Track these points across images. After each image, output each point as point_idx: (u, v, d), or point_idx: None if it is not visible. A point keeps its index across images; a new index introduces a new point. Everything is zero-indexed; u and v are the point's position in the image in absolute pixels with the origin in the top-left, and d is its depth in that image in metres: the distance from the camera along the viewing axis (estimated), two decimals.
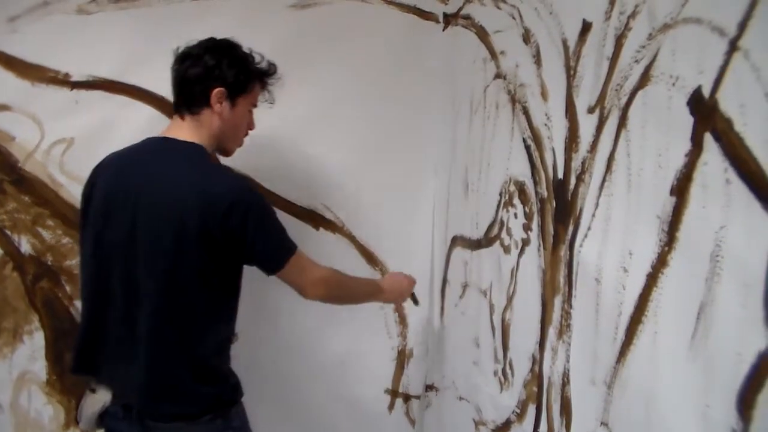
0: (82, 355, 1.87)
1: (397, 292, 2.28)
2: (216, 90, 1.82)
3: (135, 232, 1.74)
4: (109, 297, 1.79)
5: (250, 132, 1.99)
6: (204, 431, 1.79)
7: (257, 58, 1.93)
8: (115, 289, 1.78)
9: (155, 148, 1.84)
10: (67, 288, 2.22)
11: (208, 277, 1.76)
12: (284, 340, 2.42)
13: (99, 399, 1.83)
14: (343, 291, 2.07)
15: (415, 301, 2.43)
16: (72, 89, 2.17)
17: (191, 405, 1.78)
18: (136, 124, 2.19)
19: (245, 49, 1.92)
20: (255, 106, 1.97)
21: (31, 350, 2.23)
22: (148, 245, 1.73)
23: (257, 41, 1.99)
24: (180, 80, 1.86)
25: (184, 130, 1.84)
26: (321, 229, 2.43)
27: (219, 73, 1.83)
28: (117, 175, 1.83)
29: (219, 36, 1.88)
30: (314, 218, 2.41)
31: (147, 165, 1.80)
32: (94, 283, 1.82)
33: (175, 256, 1.72)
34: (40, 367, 2.24)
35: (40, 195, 2.17)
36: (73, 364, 1.90)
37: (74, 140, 2.18)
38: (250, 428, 1.94)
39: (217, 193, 1.72)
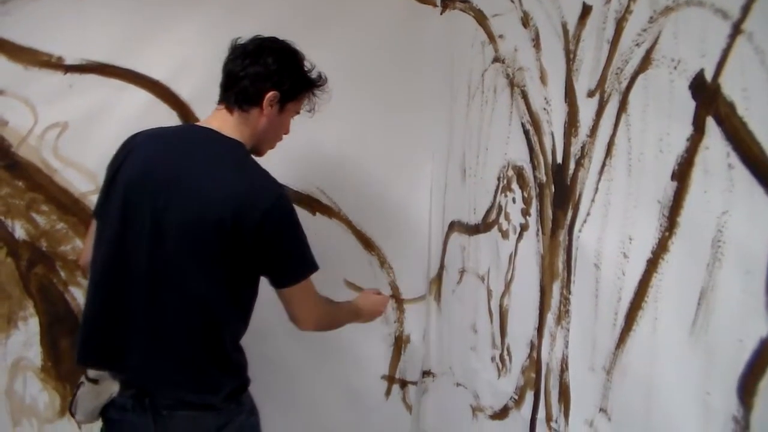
0: (95, 345, 1.79)
1: (371, 313, 2.26)
2: (271, 93, 1.80)
3: (165, 217, 1.70)
4: (130, 282, 1.73)
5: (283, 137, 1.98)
6: (221, 416, 1.80)
7: (309, 66, 1.92)
8: (137, 274, 1.72)
9: (199, 137, 1.82)
10: (62, 274, 2.21)
11: (234, 271, 1.75)
12: (281, 326, 2.41)
13: (103, 390, 1.78)
14: (331, 326, 2.10)
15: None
16: (65, 73, 2.15)
17: (215, 395, 1.78)
18: (130, 108, 2.18)
19: (300, 53, 1.90)
20: (298, 113, 1.96)
21: (26, 336, 2.22)
22: (178, 232, 1.70)
23: (251, 24, 1.97)
24: (236, 75, 1.82)
25: (229, 125, 1.81)
26: (317, 214, 2.42)
27: (278, 79, 1.81)
28: (154, 156, 1.78)
29: (215, 22, 1.87)
30: (311, 203, 2.40)
31: (188, 152, 1.77)
32: (114, 266, 1.75)
33: (205, 248, 1.71)
34: (34, 354, 2.23)
35: (33, 180, 2.16)
36: (81, 355, 1.81)
37: (68, 124, 2.16)
38: (257, 409, 1.95)
39: (256, 197, 1.71)
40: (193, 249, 1.71)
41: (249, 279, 1.82)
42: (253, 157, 1.86)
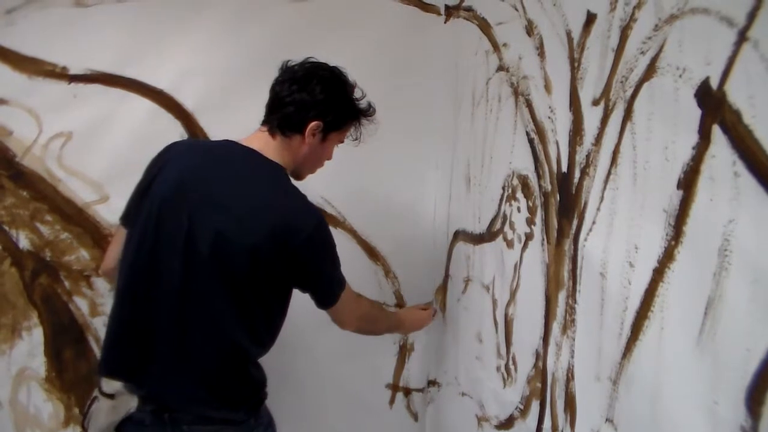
0: (117, 356, 1.77)
1: (415, 326, 2.33)
2: (314, 123, 1.79)
3: (199, 234, 1.67)
4: (159, 297, 1.71)
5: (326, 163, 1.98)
6: (240, 431, 1.82)
7: (358, 95, 1.91)
8: (167, 290, 1.70)
9: (240, 156, 1.79)
10: (66, 284, 2.21)
11: (267, 295, 1.76)
12: (286, 334, 2.40)
13: (120, 405, 1.74)
14: (373, 327, 2.13)
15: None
16: (70, 83, 2.15)
17: (236, 411, 1.79)
18: (134, 118, 2.18)
19: (351, 83, 1.89)
20: (342, 141, 1.96)
21: (30, 346, 2.21)
22: (210, 251, 1.67)
23: (256, 33, 1.98)
24: (282, 100, 1.81)
25: (270, 148, 1.80)
26: None
27: (323, 109, 1.80)
28: (192, 171, 1.75)
29: (219, 29, 1.86)
30: None
31: (227, 171, 1.75)
32: (144, 280, 1.72)
33: (236, 269, 1.69)
34: (39, 364, 2.23)
35: (38, 190, 2.16)
36: (105, 365, 1.80)
37: (72, 134, 2.16)
38: (274, 422, 1.97)
39: (296, 223, 1.71)
40: (225, 269, 1.69)
41: (280, 302, 1.83)
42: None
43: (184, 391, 1.74)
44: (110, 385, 1.76)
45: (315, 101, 1.79)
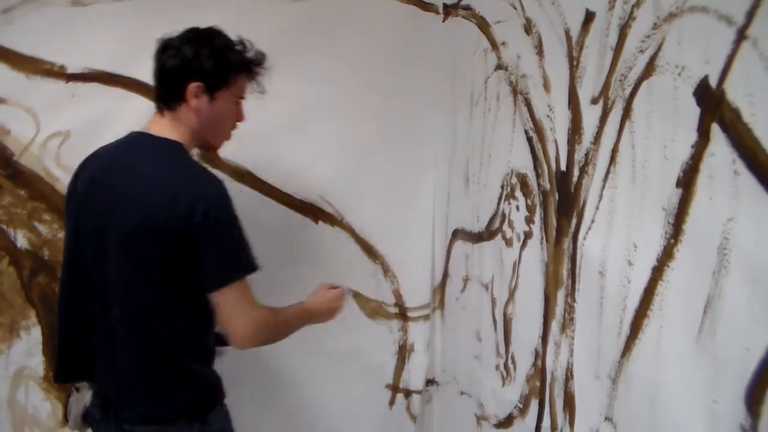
0: (68, 360, 1.81)
1: (328, 311, 2.03)
2: (192, 85, 1.72)
3: (107, 230, 1.68)
4: (89, 297, 1.74)
5: (240, 124, 1.89)
6: None
7: (243, 47, 1.82)
8: (92, 289, 1.72)
9: (134, 143, 1.77)
10: None
11: (178, 278, 1.67)
12: None
13: (81, 398, 1.80)
14: (275, 335, 1.86)
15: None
16: (68, 82, 2.14)
17: (169, 408, 1.73)
18: (133, 117, 2.16)
19: (234, 37, 1.81)
20: (242, 98, 1.86)
21: (28, 346, 2.21)
22: (117, 244, 1.67)
23: (255, 32, 1.96)
24: (158, 72, 1.77)
25: (162, 127, 1.76)
26: (320, 222, 2.41)
27: (197, 66, 1.72)
28: (96, 170, 1.77)
29: (220, 27, 1.84)
30: (313, 211, 2.40)
31: (122, 161, 1.74)
32: (75, 282, 1.77)
33: (143, 256, 1.66)
34: (37, 363, 2.22)
35: (36, 189, 2.15)
36: (57, 374, 1.85)
37: (70, 133, 2.15)
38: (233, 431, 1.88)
39: (184, 193, 1.63)
40: (133, 258, 1.66)
41: (195, 284, 1.70)
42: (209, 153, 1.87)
43: (119, 390, 1.74)
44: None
45: (184, 62, 1.72)
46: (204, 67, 1.72)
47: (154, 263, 1.66)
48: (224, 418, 1.84)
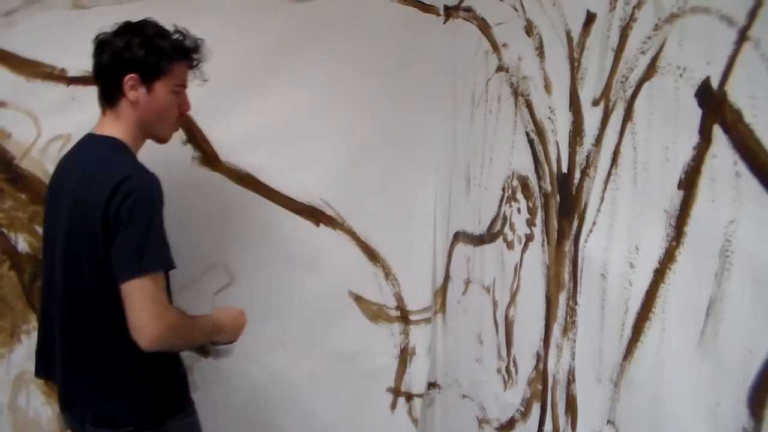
0: (41, 358, 1.88)
1: (231, 326, 1.96)
2: (126, 77, 1.72)
3: (55, 232, 1.73)
4: (52, 300, 1.77)
5: (188, 113, 1.91)
6: None
7: (180, 35, 1.81)
8: (54, 291, 1.76)
9: (80, 146, 1.81)
10: None
11: (106, 273, 1.65)
12: (286, 338, 2.40)
13: None
14: (181, 338, 1.77)
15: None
16: (68, 85, 2.15)
17: (112, 408, 1.72)
18: None
19: (168, 26, 1.81)
20: (184, 86, 1.85)
21: (29, 350, 2.19)
22: (60, 244, 1.71)
23: (256, 34, 1.97)
24: (95, 71, 1.78)
25: (103, 125, 1.78)
26: (321, 225, 2.40)
27: (129, 56, 1.72)
28: (56, 175, 1.83)
29: (218, 31, 1.85)
30: (315, 214, 2.39)
31: (71, 163, 1.78)
32: (44, 284, 1.84)
33: (80, 255, 1.67)
34: None
35: (36, 193, 2.15)
36: (35, 368, 1.92)
37: (71, 136, 2.14)
38: None
39: (103, 181, 1.63)
40: (71, 256, 1.69)
41: None
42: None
43: (72, 386, 1.76)
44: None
45: (116, 54, 1.72)
46: (136, 56, 1.72)
47: (92, 263, 1.66)
48: (187, 429, 1.81)
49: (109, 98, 1.76)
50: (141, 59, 1.72)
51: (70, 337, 1.73)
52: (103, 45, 1.75)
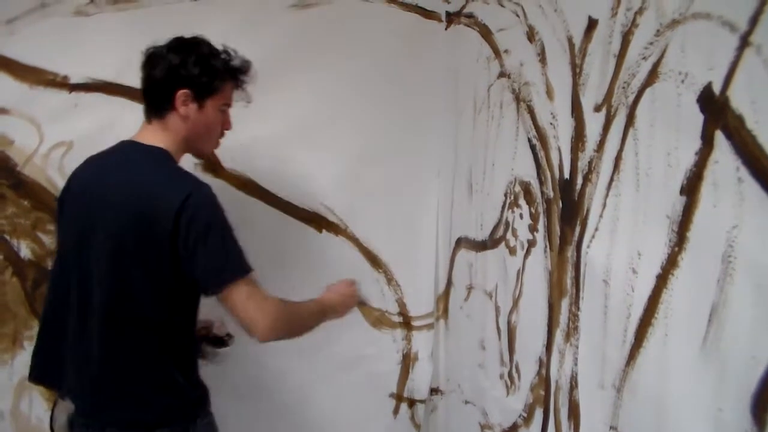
0: (41, 363, 1.84)
1: (343, 304, 2.04)
2: (180, 92, 1.75)
3: (91, 237, 1.71)
4: (69, 302, 1.75)
5: (227, 132, 1.92)
6: None
7: (228, 56, 1.84)
8: (73, 294, 1.74)
9: (122, 152, 1.80)
10: None
11: (160, 285, 1.69)
12: (288, 343, 2.40)
13: (66, 407, 1.79)
14: (293, 328, 1.86)
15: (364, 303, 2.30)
16: (71, 92, 2.15)
17: (146, 413, 1.72)
18: (136, 127, 2.16)
19: (218, 45, 1.84)
20: (229, 105, 1.89)
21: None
22: (100, 251, 1.69)
23: (257, 42, 1.97)
24: (146, 82, 1.80)
25: (149, 134, 1.79)
26: (324, 231, 2.41)
27: (184, 73, 1.75)
28: (85, 179, 1.80)
29: (220, 38, 1.85)
30: (317, 221, 2.39)
31: (110, 169, 1.77)
32: (58, 288, 1.80)
33: (125, 263, 1.67)
34: None
35: (39, 199, 2.15)
36: (30, 372, 1.86)
37: (74, 143, 2.16)
38: None
39: (168, 196, 1.65)
40: (111, 263, 1.68)
41: (177, 289, 1.71)
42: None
43: (95, 392, 1.74)
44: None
45: (171, 69, 1.76)
46: (191, 74, 1.75)
47: (137, 272, 1.67)
48: (209, 430, 1.82)
49: (158, 110, 1.78)
50: (195, 77, 1.76)
51: (110, 347, 1.71)
52: (155, 59, 1.78)
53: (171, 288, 1.70)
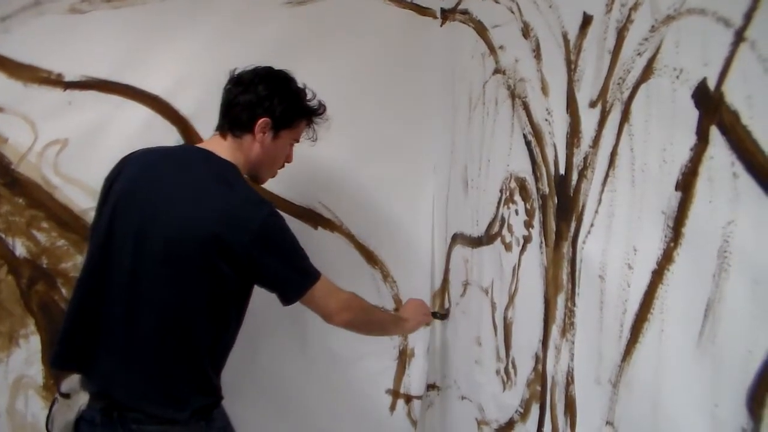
0: (69, 348, 1.81)
1: (417, 321, 2.29)
2: (262, 120, 1.85)
3: (151, 233, 1.73)
4: (110, 292, 1.75)
5: (286, 165, 2.03)
6: None
7: (309, 95, 1.96)
8: (118, 285, 1.75)
9: (190, 156, 1.87)
10: (63, 291, 2.20)
11: (219, 291, 1.76)
12: (285, 340, 2.40)
13: (74, 404, 1.79)
14: (367, 316, 2.08)
15: (443, 317, 2.44)
16: (65, 90, 2.15)
17: (182, 411, 1.76)
18: (130, 125, 2.18)
19: (300, 84, 1.95)
20: (297, 141, 2.00)
21: (27, 354, 2.21)
22: (162, 250, 1.72)
23: (252, 38, 1.97)
24: (229, 102, 1.88)
25: (223, 149, 1.86)
26: (319, 228, 2.41)
27: (269, 105, 1.86)
28: (146, 172, 1.83)
29: (214, 35, 1.86)
30: (313, 217, 2.39)
31: (178, 170, 1.81)
32: (96, 275, 1.78)
33: (189, 267, 1.72)
34: (36, 371, 2.22)
35: (34, 197, 2.15)
36: (55, 358, 1.85)
37: (68, 141, 2.16)
38: (232, 427, 1.92)
39: (242, 213, 1.74)
40: (174, 266, 1.72)
41: (235, 299, 1.83)
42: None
43: (129, 385, 1.75)
44: (67, 384, 1.82)
45: (259, 98, 1.86)
46: (276, 107, 1.87)
47: (197, 274, 1.72)
48: (224, 415, 1.89)
49: (236, 129, 1.87)
50: (279, 111, 1.87)
51: (160, 348, 1.75)
52: (244, 84, 1.88)
53: (228, 301, 1.80)
